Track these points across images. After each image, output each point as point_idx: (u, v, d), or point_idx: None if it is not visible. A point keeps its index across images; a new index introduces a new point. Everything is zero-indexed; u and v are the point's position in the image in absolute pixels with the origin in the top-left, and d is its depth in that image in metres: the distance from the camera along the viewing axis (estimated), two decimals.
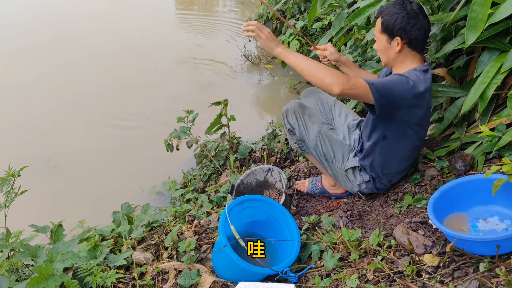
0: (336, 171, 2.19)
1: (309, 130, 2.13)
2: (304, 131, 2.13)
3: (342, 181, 2.23)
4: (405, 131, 1.95)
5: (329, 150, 2.14)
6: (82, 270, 1.84)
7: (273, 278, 1.85)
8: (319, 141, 2.12)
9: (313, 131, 2.12)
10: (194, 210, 2.49)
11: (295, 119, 2.13)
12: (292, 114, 2.14)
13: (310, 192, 2.43)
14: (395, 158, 2.06)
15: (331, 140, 2.13)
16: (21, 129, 4.11)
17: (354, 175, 2.15)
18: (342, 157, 2.14)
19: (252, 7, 7.12)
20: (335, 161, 2.16)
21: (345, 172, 2.16)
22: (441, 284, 1.48)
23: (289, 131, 2.18)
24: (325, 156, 2.16)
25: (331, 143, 2.13)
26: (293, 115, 2.13)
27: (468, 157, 1.99)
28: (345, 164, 2.14)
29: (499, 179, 1.54)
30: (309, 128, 2.13)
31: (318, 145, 2.13)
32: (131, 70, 5.17)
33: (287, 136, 2.24)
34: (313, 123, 2.13)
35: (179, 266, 1.95)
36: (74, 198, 3.23)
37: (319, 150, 2.15)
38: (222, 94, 3.39)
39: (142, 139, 3.88)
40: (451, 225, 1.66)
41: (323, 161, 2.19)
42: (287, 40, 4.29)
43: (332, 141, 2.14)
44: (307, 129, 2.13)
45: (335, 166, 2.17)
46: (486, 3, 1.89)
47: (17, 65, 5.45)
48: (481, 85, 1.96)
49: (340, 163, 2.15)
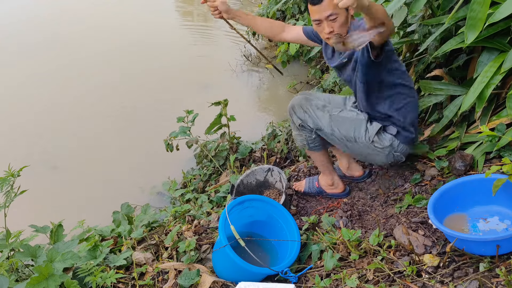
0: (363, 149, 2.07)
1: (321, 119, 2.06)
2: (317, 121, 2.06)
3: (373, 156, 2.10)
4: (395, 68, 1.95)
5: (348, 130, 2.04)
6: (82, 270, 1.84)
7: (273, 278, 1.85)
8: (334, 125, 2.05)
9: (325, 118, 2.05)
10: (194, 210, 2.49)
11: (303, 112, 2.07)
12: (299, 109, 2.07)
13: (307, 192, 2.40)
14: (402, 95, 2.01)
15: (345, 120, 2.05)
16: (21, 129, 4.12)
17: (381, 139, 2.04)
18: (364, 130, 2.04)
19: (252, 7, 7.12)
20: (359, 138, 2.04)
21: (372, 144, 2.04)
22: (441, 284, 1.48)
23: (300, 126, 2.09)
24: (346, 138, 2.06)
25: (347, 122, 2.05)
26: (300, 109, 2.07)
27: (468, 157, 1.99)
28: (369, 134, 2.03)
29: (499, 179, 1.54)
30: (320, 117, 2.06)
31: (335, 129, 2.05)
32: (131, 70, 5.17)
33: (295, 134, 2.16)
34: (323, 111, 2.07)
35: (179, 266, 1.95)
36: (74, 198, 3.23)
37: (338, 134, 2.05)
38: (222, 94, 3.38)
39: (142, 139, 3.88)
40: (451, 225, 1.66)
41: (347, 145, 2.09)
42: None
43: (347, 120, 2.06)
44: (319, 119, 2.06)
45: (360, 143, 2.05)
46: (485, 2, 1.89)
47: (17, 65, 5.45)
48: (480, 85, 1.96)
49: (364, 137, 2.03)
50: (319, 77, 4.31)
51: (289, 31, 2.34)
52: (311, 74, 4.43)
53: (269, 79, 4.95)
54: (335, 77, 3.49)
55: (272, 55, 5.47)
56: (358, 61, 1.92)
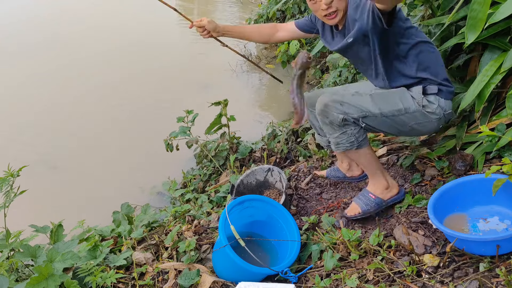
0: (415, 119, 1.86)
1: (363, 102, 1.84)
2: (359, 107, 1.82)
3: (425, 125, 1.89)
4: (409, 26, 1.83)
5: (395, 103, 1.84)
6: (82, 270, 1.84)
7: (273, 278, 1.84)
8: (379, 103, 1.83)
9: (367, 100, 1.84)
10: (194, 210, 2.49)
11: (340, 105, 1.82)
12: (334, 103, 1.82)
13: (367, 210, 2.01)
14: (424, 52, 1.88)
15: (387, 94, 1.87)
16: (21, 129, 4.12)
17: (429, 101, 1.85)
18: (410, 98, 1.85)
19: (252, 7, 7.11)
20: (409, 107, 1.84)
21: (424, 109, 1.83)
22: (441, 284, 1.48)
23: (343, 121, 1.82)
24: (398, 112, 1.84)
25: (389, 96, 1.86)
26: (336, 104, 1.82)
27: (468, 157, 1.99)
28: (417, 99, 1.84)
29: (499, 179, 1.54)
30: (361, 101, 1.84)
31: (382, 107, 1.82)
32: (131, 70, 5.17)
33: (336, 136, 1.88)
34: (360, 95, 1.87)
35: (179, 266, 1.94)
36: (74, 198, 3.23)
37: (388, 111, 1.83)
38: (222, 94, 3.38)
39: (142, 139, 3.88)
40: (451, 225, 1.66)
41: (400, 121, 1.86)
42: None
43: (389, 94, 1.87)
44: (361, 103, 1.83)
45: (412, 113, 1.84)
46: (486, 2, 1.89)
47: (17, 65, 5.45)
48: (480, 84, 1.96)
49: (414, 104, 1.84)
50: (319, 77, 4.32)
51: (282, 29, 2.27)
52: (311, 74, 4.43)
53: (269, 79, 4.94)
54: (335, 77, 3.49)
55: (272, 55, 5.47)
56: (370, 33, 1.76)
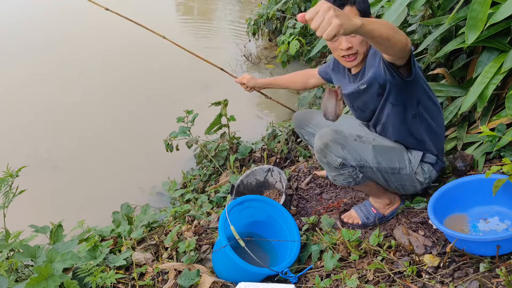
0: (402, 180, 1.85)
1: (364, 151, 1.76)
2: (359, 155, 1.76)
3: (408, 188, 1.89)
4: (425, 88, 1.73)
5: (392, 161, 1.80)
6: (82, 271, 1.84)
7: (273, 278, 1.84)
8: (379, 157, 1.78)
9: (368, 150, 1.77)
10: (194, 210, 2.49)
11: (341, 148, 1.74)
12: (335, 145, 1.74)
13: (366, 223, 2.02)
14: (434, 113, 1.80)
15: (389, 150, 1.81)
16: (21, 129, 4.12)
17: (423, 169, 1.84)
18: (407, 160, 1.82)
19: (252, 7, 7.11)
20: (402, 169, 1.81)
21: (415, 176, 1.83)
22: (441, 285, 1.48)
23: (341, 165, 1.77)
24: (392, 170, 1.81)
25: (389, 153, 1.80)
26: (337, 146, 1.74)
27: (468, 157, 1.99)
28: (413, 164, 1.82)
29: (499, 179, 1.54)
30: (362, 149, 1.76)
31: (380, 161, 1.78)
32: (131, 70, 5.17)
33: (333, 175, 1.83)
34: (363, 142, 1.78)
35: (179, 266, 1.94)
36: (74, 198, 3.23)
37: (384, 167, 1.79)
38: (222, 94, 3.38)
39: (142, 139, 3.88)
40: (451, 225, 1.66)
41: (389, 177, 1.84)
42: (287, 40, 4.29)
43: (390, 150, 1.81)
44: (361, 151, 1.76)
45: (403, 174, 1.83)
46: (486, 2, 1.89)
47: (17, 65, 5.45)
48: (480, 85, 1.96)
49: (408, 167, 1.82)
50: None
51: (312, 76, 2.37)
52: None
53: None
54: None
55: (272, 55, 5.48)
56: (389, 84, 1.65)
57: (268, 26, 5.41)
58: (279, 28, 5.23)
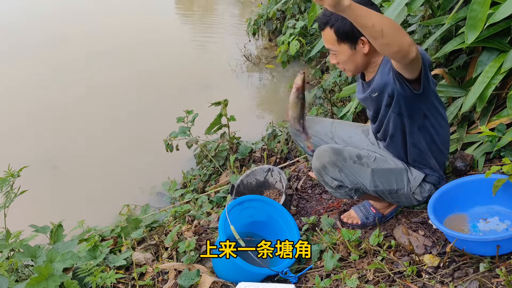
0: (400, 197, 1.86)
1: (362, 175, 1.76)
2: (356, 179, 1.77)
3: (403, 202, 1.91)
4: (434, 103, 1.69)
5: (390, 183, 1.80)
6: (82, 270, 1.84)
7: (273, 278, 1.84)
8: (377, 180, 1.78)
9: (367, 173, 1.76)
10: (194, 210, 2.49)
11: (338, 171, 1.74)
12: (332, 167, 1.74)
13: (366, 223, 2.02)
14: (441, 135, 1.78)
15: (387, 173, 1.79)
16: (21, 129, 4.12)
17: (422, 190, 1.83)
18: (406, 181, 1.81)
19: (252, 7, 7.11)
20: (400, 190, 1.82)
21: (413, 195, 1.84)
22: (441, 285, 1.48)
23: (338, 187, 1.79)
24: (389, 191, 1.82)
25: (388, 176, 1.79)
26: (334, 168, 1.74)
27: (468, 157, 1.99)
28: (411, 185, 1.81)
29: (499, 179, 1.54)
30: (360, 173, 1.76)
31: (378, 185, 1.78)
32: (131, 70, 5.17)
33: (331, 191, 1.86)
34: (361, 164, 1.77)
35: (179, 266, 1.94)
36: (74, 198, 3.23)
37: (381, 190, 1.80)
38: (222, 94, 3.38)
39: (142, 139, 3.88)
40: (451, 225, 1.66)
41: (386, 196, 1.85)
42: (287, 40, 4.29)
43: (389, 173, 1.80)
44: (359, 176, 1.76)
45: (401, 194, 1.84)
46: (485, 2, 1.89)
47: (17, 65, 5.45)
48: (481, 85, 1.96)
49: (405, 188, 1.81)
50: (319, 77, 4.31)
51: None
52: (311, 74, 4.42)
53: (269, 79, 4.95)
54: (335, 77, 3.49)
55: (272, 55, 5.48)
56: (396, 93, 1.60)
57: (268, 26, 5.41)
58: (279, 28, 5.23)
